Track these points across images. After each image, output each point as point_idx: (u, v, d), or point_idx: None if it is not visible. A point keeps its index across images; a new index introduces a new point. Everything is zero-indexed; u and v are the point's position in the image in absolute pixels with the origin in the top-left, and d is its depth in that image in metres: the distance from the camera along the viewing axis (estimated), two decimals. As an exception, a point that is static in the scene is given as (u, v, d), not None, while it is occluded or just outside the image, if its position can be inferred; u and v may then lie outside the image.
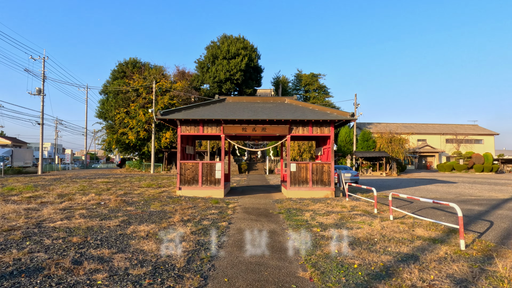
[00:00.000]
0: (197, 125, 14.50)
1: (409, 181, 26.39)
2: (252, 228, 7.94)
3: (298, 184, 14.44)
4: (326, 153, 15.90)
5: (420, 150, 54.14)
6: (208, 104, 16.16)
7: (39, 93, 40.05)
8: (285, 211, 10.48)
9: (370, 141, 42.98)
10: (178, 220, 8.44)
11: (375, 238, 6.91)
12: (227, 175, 18.15)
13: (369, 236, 7.02)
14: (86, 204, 10.85)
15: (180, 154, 14.63)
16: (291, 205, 11.86)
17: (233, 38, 44.13)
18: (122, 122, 37.47)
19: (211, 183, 14.46)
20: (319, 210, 10.74)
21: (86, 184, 18.52)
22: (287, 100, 17.02)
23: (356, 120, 13.44)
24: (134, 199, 12.39)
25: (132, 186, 18.22)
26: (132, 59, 42.00)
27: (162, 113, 14.06)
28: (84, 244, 5.97)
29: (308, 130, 14.48)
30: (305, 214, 9.93)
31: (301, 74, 55.61)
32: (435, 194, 16.35)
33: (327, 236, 7.01)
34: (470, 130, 58.93)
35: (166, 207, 10.57)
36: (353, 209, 10.90)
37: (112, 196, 12.92)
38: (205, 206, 11.09)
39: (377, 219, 9.00)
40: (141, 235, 6.80)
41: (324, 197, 14.30)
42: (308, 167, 14.45)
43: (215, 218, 9.01)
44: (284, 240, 6.79)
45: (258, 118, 13.84)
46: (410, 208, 11.22)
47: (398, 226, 8.05)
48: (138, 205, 10.96)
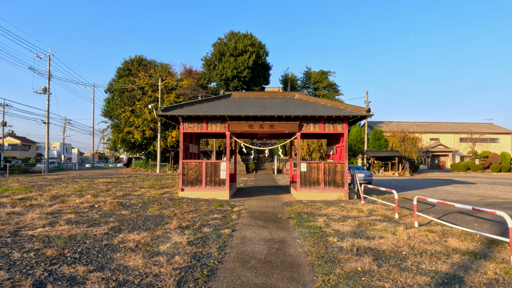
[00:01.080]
0: (201, 122, 13.55)
1: (425, 182, 25.11)
2: (258, 237, 6.94)
3: (309, 186, 13.40)
4: (339, 152, 14.82)
5: (433, 149, 52.48)
6: (213, 100, 15.21)
7: (45, 91, 39.65)
8: (296, 216, 9.47)
9: (381, 140, 41.62)
10: (175, 227, 7.49)
11: (403, 251, 5.86)
12: (233, 175, 17.19)
13: (395, 249, 5.97)
14: (79, 207, 9.98)
15: (182, 153, 13.70)
16: (302, 208, 10.84)
17: (241, 35, 43.13)
18: (127, 121, 36.77)
19: (215, 184, 13.51)
20: (333, 214, 9.70)
21: (86, 185, 17.74)
22: (296, 96, 15.97)
23: (372, 115, 12.34)
24: (132, 201, 11.50)
25: (133, 186, 17.38)
26: (137, 57, 41.28)
27: (163, 109, 13.16)
28: (58, 259, 5.04)
29: (320, 127, 13.43)
30: (318, 219, 8.90)
31: (310, 71, 54.33)
32: (456, 196, 15.16)
33: (346, 248, 5.98)
34: (485, 128, 57.02)
35: (164, 211, 9.64)
36: (371, 214, 9.83)
37: (109, 198, 12.05)
38: (207, 210, 10.13)
39: (401, 226, 7.93)
40: (129, 246, 5.85)
41: (337, 199, 13.24)
42: (319, 167, 13.41)
43: (218, 224, 8.04)
44: (295, 253, 5.79)
45: (266, 114, 12.84)
46: (434, 213, 10.10)
47: (427, 235, 6.97)
48: (135, 209, 10.05)
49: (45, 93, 39.39)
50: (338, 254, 5.65)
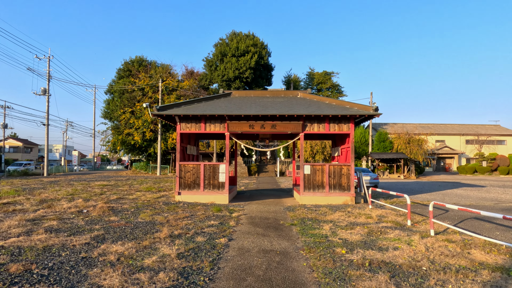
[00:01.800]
0: (199, 122, 12.85)
1: (432, 185, 24.25)
2: (257, 247, 6.21)
3: (313, 189, 12.65)
4: (345, 153, 14.07)
5: (438, 151, 51.49)
6: (212, 99, 14.52)
7: (44, 93, 39.11)
8: (299, 222, 8.73)
9: (386, 142, 40.75)
10: (166, 236, 6.77)
11: (423, 265, 5.11)
12: (233, 178, 16.47)
13: (413, 263, 5.22)
14: (65, 212, 9.28)
15: (179, 155, 13.00)
16: (306, 214, 10.09)
17: (243, 35, 42.46)
18: (127, 123, 36.14)
19: (214, 187, 12.79)
20: (340, 221, 8.95)
21: (81, 188, 17.07)
22: (300, 94, 15.23)
23: (381, 114, 11.57)
24: (125, 206, 10.79)
25: (130, 189, 16.69)
26: (138, 58, 40.67)
27: (158, 108, 12.46)
28: (22, 277, 4.33)
29: (325, 127, 12.68)
30: (323, 226, 8.15)
31: (313, 72, 53.56)
32: (468, 199, 14.35)
33: (356, 262, 5.23)
34: (492, 130, 55.95)
35: (157, 217, 8.92)
36: (380, 220, 9.07)
37: (100, 202, 11.35)
38: (204, 216, 9.41)
39: (415, 235, 7.17)
40: (109, 259, 5.14)
41: (343, 203, 12.49)
42: (324, 170, 12.66)
43: (213, 232, 7.31)
44: (299, 267, 5.05)
45: (267, 114, 12.12)
46: (449, 219, 9.33)
47: (447, 246, 6.21)
48: (126, 214, 9.34)
49: (45, 94, 38.86)
50: (348, 269, 4.91)
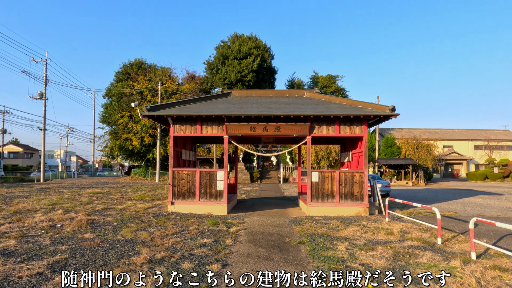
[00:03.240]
0: (194, 124, 11.57)
1: (445, 192, 22.75)
2: (259, 277, 4.86)
3: (321, 199, 11.30)
4: (356, 159, 12.72)
5: (446, 157, 49.89)
6: (209, 99, 13.24)
7: (41, 97, 38.08)
8: (308, 240, 7.38)
9: (394, 148, 39.30)
10: (145, 261, 5.43)
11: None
12: (233, 185, 15.13)
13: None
14: (34, 227, 7.97)
15: (173, 160, 11.70)
16: (315, 228, 8.74)
17: (245, 37, 41.32)
18: (125, 127, 34.93)
19: (211, 196, 11.46)
20: (356, 238, 7.59)
21: (69, 196, 15.78)
22: (306, 94, 13.92)
23: (398, 115, 10.18)
24: (108, 219, 9.47)
25: (121, 198, 15.38)
26: (137, 60, 39.56)
27: (149, 108, 11.19)
28: None
29: (334, 130, 11.35)
30: (337, 246, 6.80)
31: (317, 76, 52.28)
32: (491, 210, 12.94)
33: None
34: (501, 135, 54.32)
35: (141, 233, 7.59)
36: (403, 237, 7.70)
37: (82, 213, 10.03)
38: (197, 231, 8.07)
39: (454, 259, 5.79)
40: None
41: (355, 215, 11.11)
42: (334, 177, 11.30)
43: (205, 255, 5.97)
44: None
45: (270, 114, 10.81)
46: (483, 236, 7.93)
47: (501, 278, 4.85)
48: (105, 230, 8.02)
49: (42, 98, 37.85)
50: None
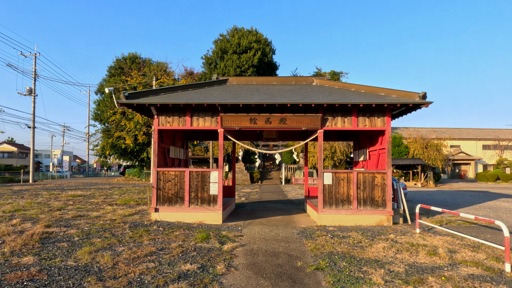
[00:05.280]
0: (183, 115, 9.63)
1: (462, 195, 20.76)
2: None
3: (335, 205, 9.37)
4: (375, 157, 10.79)
5: (453, 157, 47.95)
6: (202, 86, 11.30)
7: (30, 93, 36.17)
8: (327, 264, 5.46)
9: (401, 147, 37.34)
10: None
11: None
12: (231, 188, 13.19)
13: None
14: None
15: (156, 158, 9.76)
16: (332, 244, 6.81)
17: (245, 31, 39.35)
18: (118, 125, 32.97)
19: (203, 201, 9.52)
20: (390, 260, 5.66)
21: (43, 199, 13.84)
22: (316, 81, 11.96)
23: (431, 103, 8.11)
24: (71, 231, 7.52)
25: (103, 202, 13.44)
26: (131, 54, 37.55)
27: (127, 95, 9.24)
28: None
29: (351, 122, 9.42)
30: (370, 274, 4.88)
31: (320, 72, 50.35)
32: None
33: None
34: (510, 135, 52.43)
35: (103, 255, 5.65)
36: (453, 259, 5.78)
37: (40, 224, 8.08)
38: (180, 250, 6.13)
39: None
40: None
41: (377, 224, 9.19)
42: (350, 179, 9.37)
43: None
44: None
45: (275, 103, 8.87)
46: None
47: None
48: (59, 249, 6.08)
49: (31, 94, 35.96)
50: None
